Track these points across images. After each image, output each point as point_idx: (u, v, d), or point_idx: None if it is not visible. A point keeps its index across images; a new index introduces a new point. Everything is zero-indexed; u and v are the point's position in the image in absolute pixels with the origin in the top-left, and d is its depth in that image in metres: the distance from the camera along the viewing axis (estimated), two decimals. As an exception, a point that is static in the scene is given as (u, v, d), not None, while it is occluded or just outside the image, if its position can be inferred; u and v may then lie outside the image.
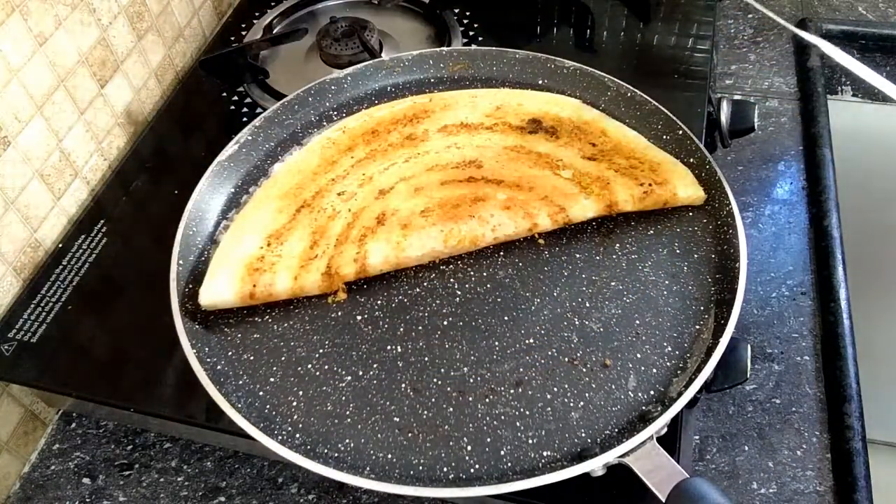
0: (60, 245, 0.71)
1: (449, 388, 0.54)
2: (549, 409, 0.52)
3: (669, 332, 0.56)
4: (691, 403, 0.50)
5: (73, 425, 0.68)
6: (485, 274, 0.60)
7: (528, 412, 0.52)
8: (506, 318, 0.57)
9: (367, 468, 0.50)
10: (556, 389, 0.53)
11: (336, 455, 0.50)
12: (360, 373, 0.55)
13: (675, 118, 0.67)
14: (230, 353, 0.57)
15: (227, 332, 0.58)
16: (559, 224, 0.62)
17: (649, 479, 0.47)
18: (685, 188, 0.62)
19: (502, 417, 0.52)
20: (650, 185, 0.62)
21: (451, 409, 0.52)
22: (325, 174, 0.66)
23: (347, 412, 0.53)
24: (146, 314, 0.63)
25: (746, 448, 0.64)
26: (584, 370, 0.54)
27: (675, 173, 0.63)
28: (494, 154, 0.67)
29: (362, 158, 0.68)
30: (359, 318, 0.58)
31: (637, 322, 0.56)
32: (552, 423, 0.51)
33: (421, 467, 0.50)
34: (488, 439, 0.51)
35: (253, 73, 0.86)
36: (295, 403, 0.53)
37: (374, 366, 0.55)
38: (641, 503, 0.49)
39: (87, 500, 0.63)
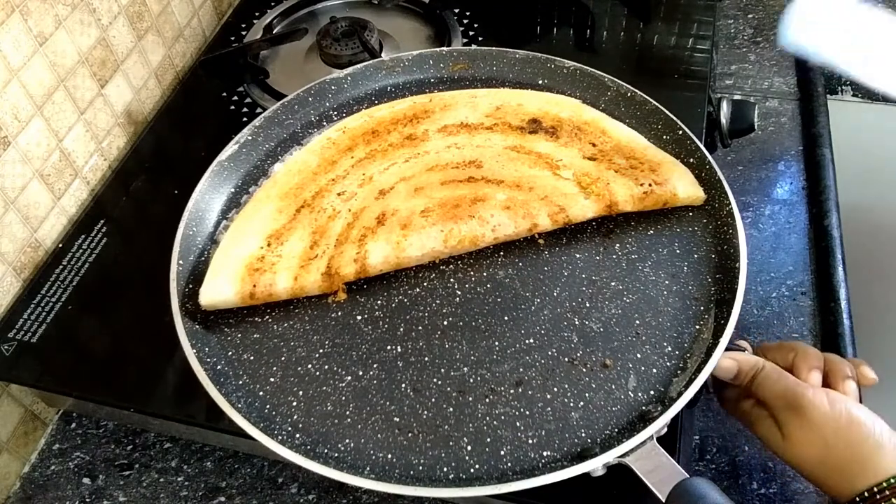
0: (60, 245, 0.71)
1: (449, 388, 0.54)
2: (549, 409, 0.52)
3: (669, 332, 0.56)
4: (691, 403, 0.50)
5: (73, 425, 0.68)
6: (485, 274, 0.60)
7: (528, 412, 0.52)
8: (506, 318, 0.57)
9: (367, 468, 0.50)
10: (556, 389, 0.53)
11: (336, 455, 0.50)
12: (360, 373, 0.55)
13: (675, 118, 0.67)
14: (230, 353, 0.57)
15: (227, 332, 0.58)
16: (559, 224, 0.62)
17: (649, 479, 0.47)
18: (685, 188, 0.62)
19: (502, 417, 0.52)
20: (650, 185, 0.62)
21: (451, 409, 0.52)
22: (325, 174, 0.66)
23: (347, 412, 0.53)
24: (146, 314, 0.63)
25: (746, 448, 0.64)
26: (584, 370, 0.54)
27: (675, 173, 0.63)
28: (494, 154, 0.67)
29: (362, 158, 0.68)
30: (359, 318, 0.58)
31: (637, 322, 0.56)
32: (552, 423, 0.51)
33: (421, 467, 0.50)
34: (488, 439, 0.51)
35: (253, 73, 0.86)
36: (295, 403, 0.53)
37: (374, 366, 0.55)
38: (641, 503, 0.49)
39: (87, 500, 0.63)
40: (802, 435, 0.49)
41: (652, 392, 0.52)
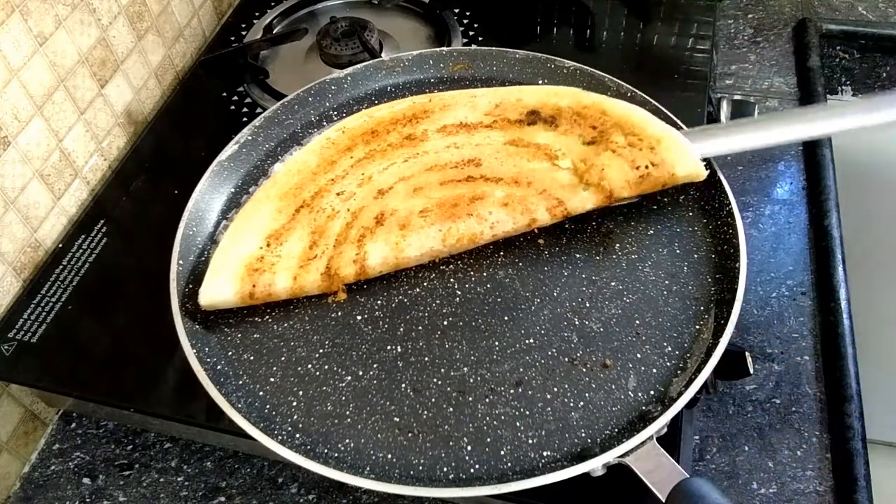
0: (60, 245, 0.71)
1: (449, 388, 0.54)
2: (549, 409, 0.52)
3: (669, 332, 0.56)
4: (691, 403, 0.50)
5: (73, 425, 0.68)
6: (485, 274, 0.60)
7: (528, 412, 0.52)
8: (506, 318, 0.57)
9: (367, 468, 0.50)
10: (556, 389, 0.53)
11: (336, 455, 0.50)
12: (360, 373, 0.55)
13: (675, 118, 0.67)
14: (230, 353, 0.57)
15: (227, 332, 0.58)
16: (558, 218, 0.61)
17: (649, 479, 0.47)
18: (684, 166, 0.61)
19: (502, 417, 0.52)
20: (647, 167, 0.61)
21: (451, 409, 0.52)
22: (325, 174, 0.66)
23: (347, 412, 0.53)
24: (146, 314, 0.63)
25: (746, 448, 0.64)
26: (584, 370, 0.54)
27: (674, 150, 0.61)
28: (493, 151, 0.66)
29: (361, 158, 0.68)
30: (359, 318, 0.58)
31: (637, 322, 0.56)
32: (552, 423, 0.51)
33: (421, 467, 0.50)
34: (488, 439, 0.51)
35: (253, 73, 0.86)
36: (295, 403, 0.53)
37: (374, 366, 0.55)
38: (641, 503, 0.49)
39: (87, 500, 0.63)
40: None
41: (652, 392, 0.52)
